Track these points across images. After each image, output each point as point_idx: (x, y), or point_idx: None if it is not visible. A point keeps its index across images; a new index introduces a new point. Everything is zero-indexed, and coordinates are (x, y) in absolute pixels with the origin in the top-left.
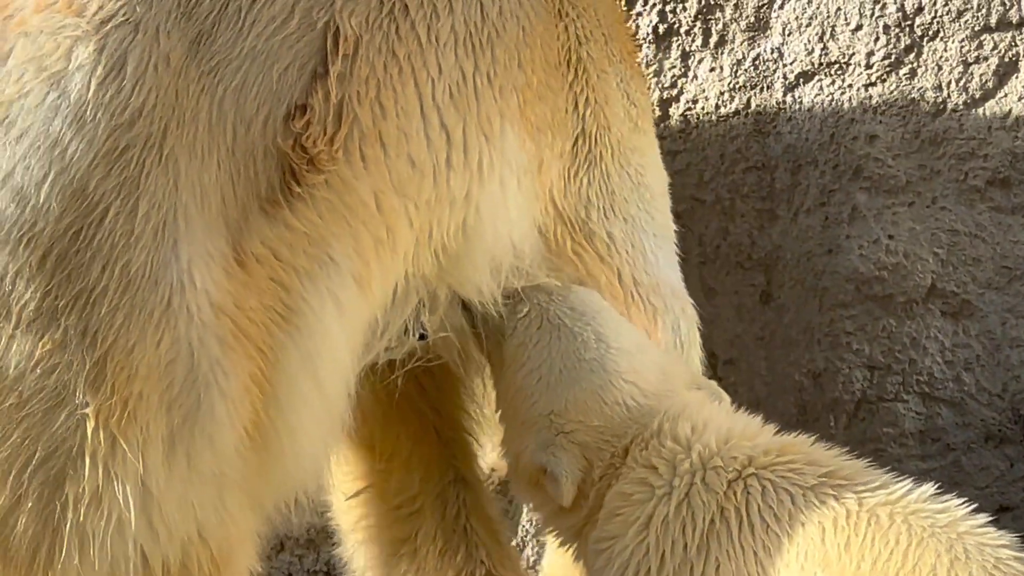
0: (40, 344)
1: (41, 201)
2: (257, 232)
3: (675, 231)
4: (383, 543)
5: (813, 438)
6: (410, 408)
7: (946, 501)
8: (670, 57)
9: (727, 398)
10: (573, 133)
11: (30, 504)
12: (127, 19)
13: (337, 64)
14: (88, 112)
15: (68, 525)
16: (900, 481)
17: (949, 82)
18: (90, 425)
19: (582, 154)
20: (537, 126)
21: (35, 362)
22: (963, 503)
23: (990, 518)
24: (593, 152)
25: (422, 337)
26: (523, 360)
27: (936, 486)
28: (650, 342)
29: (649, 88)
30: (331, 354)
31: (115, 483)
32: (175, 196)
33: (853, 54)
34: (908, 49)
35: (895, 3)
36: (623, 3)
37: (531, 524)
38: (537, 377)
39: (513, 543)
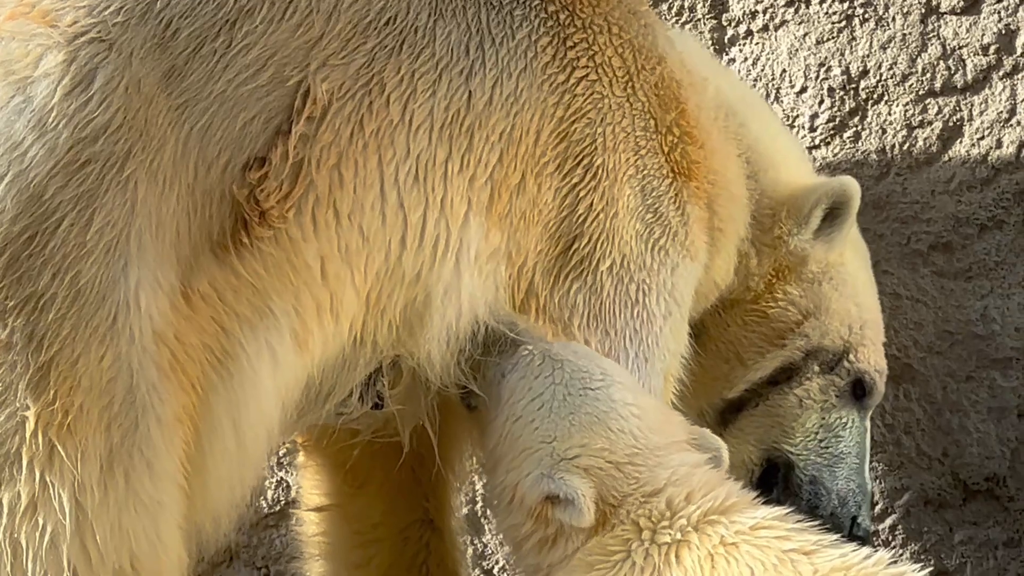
0: None
1: None
2: (206, 272)
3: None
4: (337, 563)
5: (789, 510)
6: (391, 442)
7: (901, 566)
8: None
9: (725, 448)
10: (569, 234)
11: None
12: (100, 37)
13: (301, 125)
14: (51, 120)
15: (1, 531)
16: (858, 549)
17: (893, 145)
18: (29, 428)
19: (576, 258)
20: (511, 220)
21: None
22: (918, 568)
23: None
24: (589, 259)
25: (376, 406)
26: (525, 391)
27: (875, 549)
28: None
29: None
30: (257, 405)
31: (51, 493)
32: (131, 218)
33: (797, 116)
34: (852, 112)
35: (840, 66)
36: None
37: None
38: (539, 404)
39: None
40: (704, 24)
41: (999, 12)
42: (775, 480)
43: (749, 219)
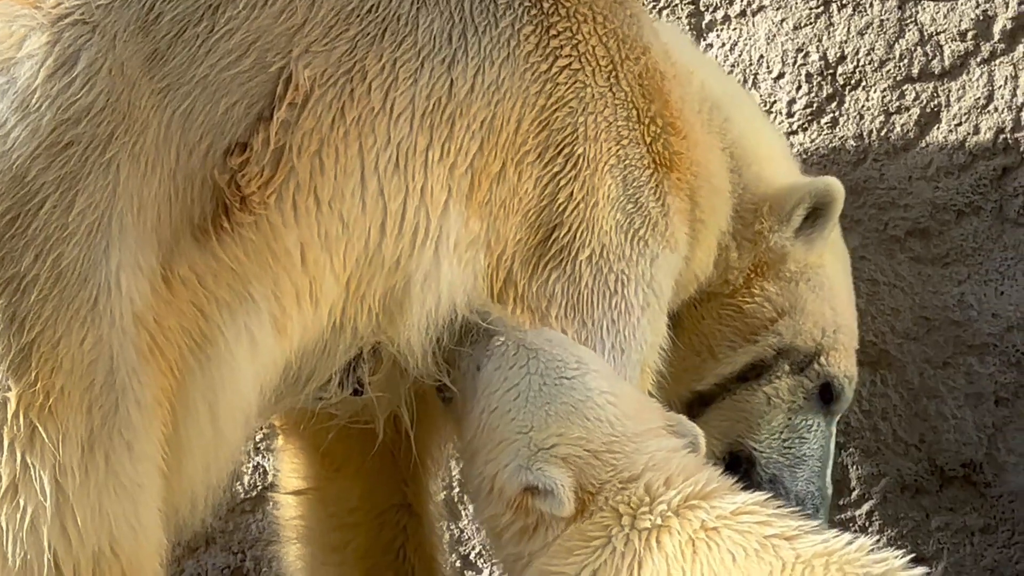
0: None
1: None
2: (186, 256)
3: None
4: (314, 546)
5: (769, 495)
6: (368, 427)
7: (882, 552)
8: None
9: (701, 435)
10: (548, 223)
11: None
12: (84, 19)
13: (283, 111)
14: (34, 101)
15: None
16: (841, 535)
17: (871, 131)
18: (10, 409)
19: (555, 248)
20: (490, 209)
21: None
22: (900, 554)
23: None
24: (568, 248)
25: (356, 392)
26: (500, 381)
27: (852, 536)
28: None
29: None
30: (235, 389)
31: (32, 475)
32: (112, 200)
33: (775, 102)
34: (830, 98)
35: (817, 52)
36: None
37: None
38: (516, 395)
39: None
40: (681, 10)
41: None
42: (738, 473)
43: (731, 212)
